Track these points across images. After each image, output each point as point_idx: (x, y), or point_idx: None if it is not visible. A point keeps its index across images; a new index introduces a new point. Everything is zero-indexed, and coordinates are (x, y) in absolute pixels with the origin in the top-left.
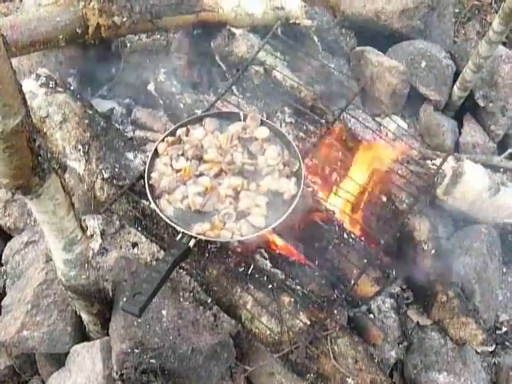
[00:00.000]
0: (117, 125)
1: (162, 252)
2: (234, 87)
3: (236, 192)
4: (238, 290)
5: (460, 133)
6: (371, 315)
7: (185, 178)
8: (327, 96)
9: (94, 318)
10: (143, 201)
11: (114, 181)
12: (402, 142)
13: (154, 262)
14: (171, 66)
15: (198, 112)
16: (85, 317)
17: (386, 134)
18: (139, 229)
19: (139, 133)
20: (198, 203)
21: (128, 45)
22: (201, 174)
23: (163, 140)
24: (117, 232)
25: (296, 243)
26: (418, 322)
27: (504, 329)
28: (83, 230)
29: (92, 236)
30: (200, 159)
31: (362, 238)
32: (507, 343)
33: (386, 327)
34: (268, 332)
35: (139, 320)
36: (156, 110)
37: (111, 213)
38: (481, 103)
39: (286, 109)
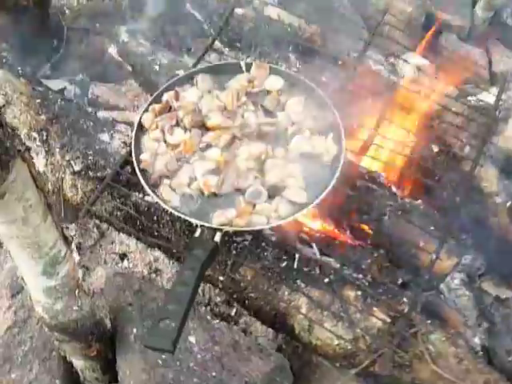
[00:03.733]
0: None
1: (165, 260)
2: (217, 41)
3: (259, 162)
4: (286, 292)
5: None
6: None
7: (187, 155)
8: (333, 34)
9: (93, 362)
10: (135, 193)
11: (90, 172)
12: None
13: (153, 275)
14: (133, 23)
15: (180, 73)
16: (78, 363)
17: (404, 75)
18: (133, 232)
19: (103, 114)
20: (212, 184)
21: (67, 11)
22: (208, 146)
23: (147, 110)
24: (96, 243)
25: (338, 219)
26: (496, 296)
27: None
28: (67, 241)
29: None
30: (202, 127)
31: (420, 201)
32: None
33: (462, 308)
34: (336, 342)
35: (163, 356)
36: (122, 81)
37: (92, 216)
38: (511, 22)
39: (290, 55)
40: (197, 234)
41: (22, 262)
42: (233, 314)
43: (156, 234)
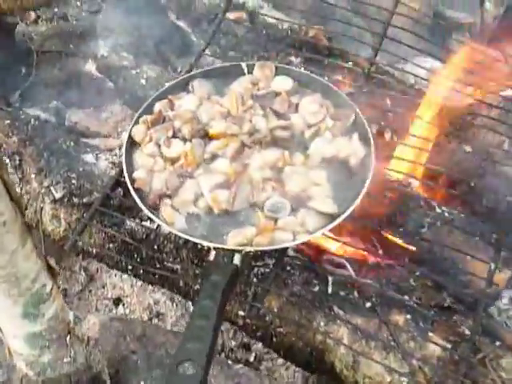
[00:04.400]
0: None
1: (167, 302)
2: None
3: (277, 171)
4: (322, 323)
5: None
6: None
7: (190, 168)
8: (337, 35)
9: None
10: (130, 219)
11: (74, 199)
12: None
13: (155, 320)
14: (112, 39)
15: None
16: None
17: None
18: (131, 266)
19: (83, 141)
20: (223, 200)
21: (35, 37)
22: (213, 157)
23: (137, 122)
24: (84, 288)
25: (368, 234)
26: None
27: None
28: (53, 272)
29: None
30: (205, 136)
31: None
32: None
33: None
34: (388, 378)
35: None
36: (102, 107)
37: (79, 254)
38: None
39: (292, 59)
40: (211, 257)
41: None
42: (252, 359)
43: (158, 265)
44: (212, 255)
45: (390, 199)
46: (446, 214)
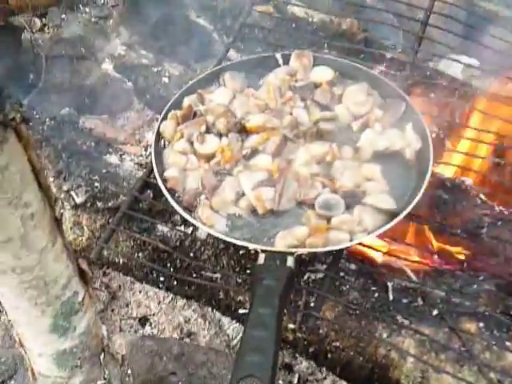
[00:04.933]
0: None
1: (198, 319)
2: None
3: (325, 166)
4: (384, 334)
5: None
6: None
7: (228, 165)
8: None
9: None
10: (163, 223)
11: (98, 203)
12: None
13: (187, 339)
14: (127, 38)
15: None
16: None
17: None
18: (162, 278)
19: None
20: (268, 199)
21: (41, 43)
22: (253, 152)
23: (166, 117)
24: (107, 307)
25: (423, 235)
26: None
27: None
28: (85, 278)
29: None
30: (241, 131)
31: None
32: None
33: None
34: None
35: None
36: (119, 109)
37: (103, 264)
38: None
39: (326, 52)
40: (261, 261)
41: (21, 313)
42: (295, 381)
43: (195, 275)
44: (261, 259)
45: (442, 197)
46: (506, 213)
